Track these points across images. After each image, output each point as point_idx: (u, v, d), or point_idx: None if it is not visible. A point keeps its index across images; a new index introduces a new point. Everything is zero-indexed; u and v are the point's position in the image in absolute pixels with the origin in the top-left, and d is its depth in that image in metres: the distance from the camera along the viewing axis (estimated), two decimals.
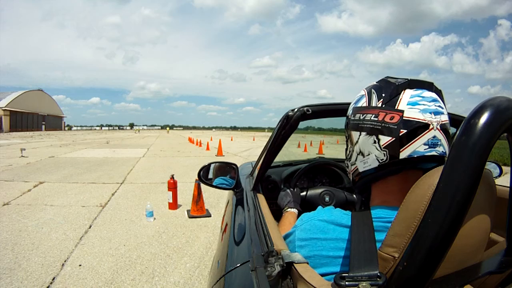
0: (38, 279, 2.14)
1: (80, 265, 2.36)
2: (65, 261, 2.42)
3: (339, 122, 0.82)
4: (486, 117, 0.36)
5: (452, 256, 0.38)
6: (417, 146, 0.53)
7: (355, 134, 0.60)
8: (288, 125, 0.94)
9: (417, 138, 0.53)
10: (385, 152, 0.54)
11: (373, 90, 0.59)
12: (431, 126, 0.53)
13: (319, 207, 0.65)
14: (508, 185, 0.50)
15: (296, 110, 0.93)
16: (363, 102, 0.60)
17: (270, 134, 1.19)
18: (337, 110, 0.94)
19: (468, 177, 0.35)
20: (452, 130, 0.57)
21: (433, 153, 0.53)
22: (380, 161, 0.55)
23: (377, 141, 0.55)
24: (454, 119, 0.80)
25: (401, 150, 0.53)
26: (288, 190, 1.22)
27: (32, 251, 2.60)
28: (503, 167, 1.38)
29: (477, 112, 0.37)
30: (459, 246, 0.40)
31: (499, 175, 1.34)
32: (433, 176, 0.45)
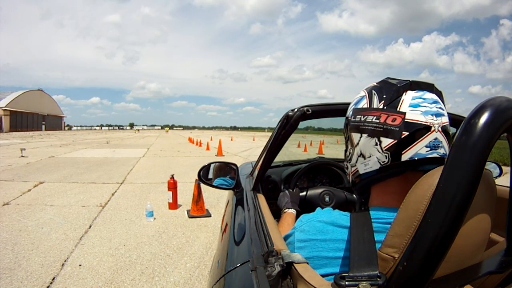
0: (38, 279, 2.14)
1: (80, 265, 2.36)
2: (65, 261, 2.43)
3: (339, 122, 0.82)
4: (486, 117, 0.36)
5: (452, 256, 0.38)
6: (419, 148, 0.52)
7: (355, 136, 0.59)
8: (288, 125, 0.94)
9: (419, 140, 0.52)
10: (386, 155, 0.54)
11: (374, 91, 0.59)
12: (432, 128, 0.53)
13: (318, 209, 0.65)
14: (508, 185, 0.50)
15: (296, 110, 0.93)
16: (364, 104, 0.59)
17: (270, 134, 1.19)
18: (337, 110, 0.94)
19: (468, 177, 0.35)
20: (452, 130, 0.57)
21: (435, 155, 0.53)
22: (382, 163, 0.55)
23: (378, 143, 0.55)
24: (454, 119, 0.80)
25: (403, 152, 0.53)
26: (286, 191, 1.21)
27: (32, 251, 2.60)
28: (503, 167, 1.38)
29: (477, 112, 0.37)
30: (459, 246, 0.39)
31: (499, 175, 1.33)
32: (433, 176, 0.45)
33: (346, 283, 0.42)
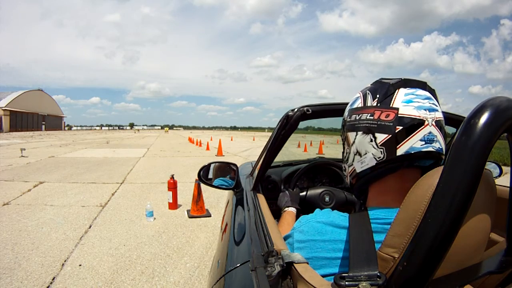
0: (38, 279, 2.14)
1: (80, 265, 2.36)
2: (65, 261, 2.43)
3: (339, 122, 0.82)
4: (486, 117, 0.36)
5: (452, 256, 0.38)
6: (414, 142, 0.53)
7: (351, 135, 0.60)
8: (288, 125, 0.94)
9: (413, 134, 0.53)
10: (382, 150, 0.55)
11: (368, 92, 0.60)
12: (426, 122, 0.53)
13: (317, 209, 0.65)
14: (508, 185, 0.50)
15: (296, 110, 0.93)
16: (359, 103, 0.61)
17: (270, 134, 1.19)
18: (337, 110, 0.94)
19: (468, 177, 0.35)
20: (452, 130, 0.58)
21: (430, 148, 0.53)
22: (377, 159, 0.55)
23: (373, 139, 0.56)
24: (454, 119, 0.80)
25: (398, 146, 0.54)
26: (286, 191, 1.22)
27: (32, 251, 2.60)
28: (503, 167, 1.38)
29: (477, 112, 0.37)
30: (459, 246, 0.40)
31: (499, 175, 1.34)
32: (433, 176, 0.45)
33: (346, 283, 0.42)
